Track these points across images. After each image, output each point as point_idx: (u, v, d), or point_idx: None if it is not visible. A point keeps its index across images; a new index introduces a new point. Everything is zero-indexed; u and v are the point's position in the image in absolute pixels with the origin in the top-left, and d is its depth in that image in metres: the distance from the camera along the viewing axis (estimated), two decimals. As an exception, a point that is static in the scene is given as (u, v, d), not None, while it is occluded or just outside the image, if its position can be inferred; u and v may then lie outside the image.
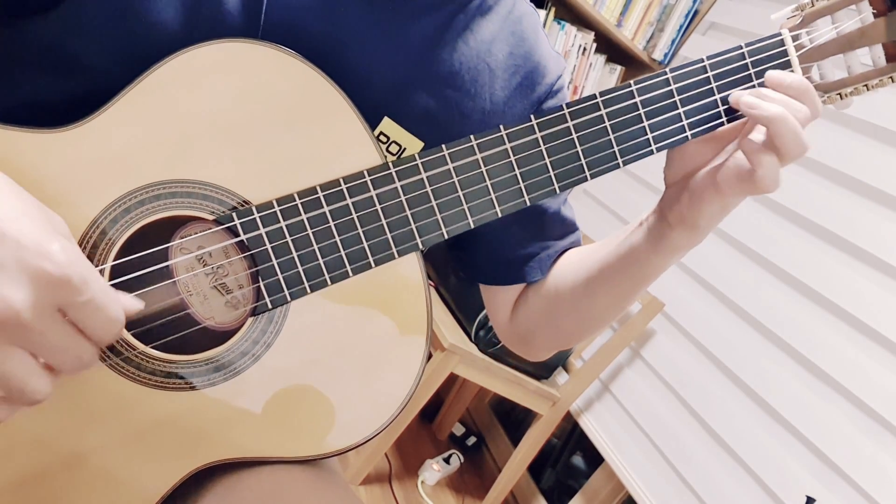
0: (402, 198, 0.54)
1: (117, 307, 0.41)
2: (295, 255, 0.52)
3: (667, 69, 0.55)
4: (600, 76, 2.26)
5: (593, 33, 2.17)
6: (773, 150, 0.50)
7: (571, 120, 0.54)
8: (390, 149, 0.60)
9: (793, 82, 0.52)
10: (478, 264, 0.72)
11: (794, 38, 0.56)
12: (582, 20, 2.16)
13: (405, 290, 0.57)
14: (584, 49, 2.17)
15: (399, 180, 0.53)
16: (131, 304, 0.43)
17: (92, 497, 0.52)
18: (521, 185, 0.55)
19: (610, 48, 2.24)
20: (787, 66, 0.56)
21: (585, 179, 0.56)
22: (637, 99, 0.54)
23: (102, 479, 0.52)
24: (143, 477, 0.53)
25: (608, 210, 2.16)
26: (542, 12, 2.08)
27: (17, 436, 0.49)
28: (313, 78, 0.52)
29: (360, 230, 0.53)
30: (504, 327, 0.77)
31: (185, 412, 0.53)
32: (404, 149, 0.60)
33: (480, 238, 0.69)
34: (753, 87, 0.55)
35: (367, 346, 0.57)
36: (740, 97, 0.53)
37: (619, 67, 2.27)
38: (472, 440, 2.28)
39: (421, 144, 0.61)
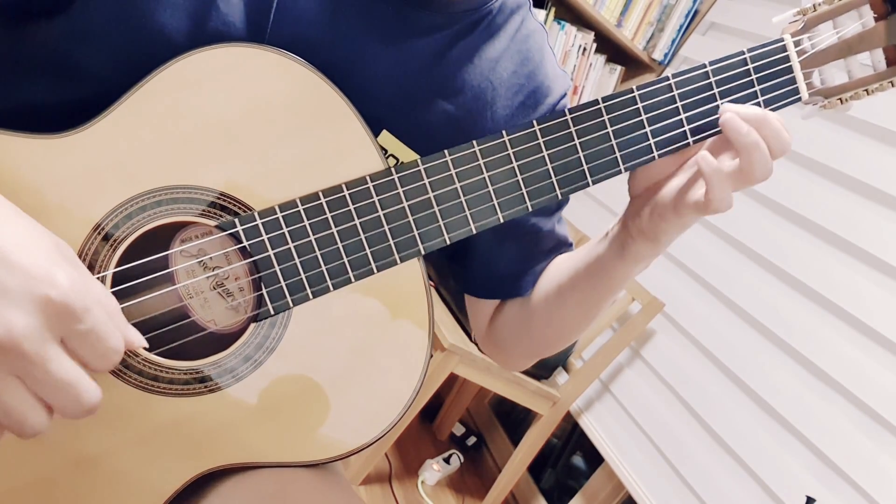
0: (405, 203, 0.54)
1: (118, 338, 0.40)
2: (297, 261, 0.52)
3: (669, 74, 0.55)
4: (600, 76, 2.26)
5: (593, 33, 2.16)
6: (737, 175, 0.52)
7: (573, 125, 0.54)
8: (388, 161, 0.60)
9: (753, 114, 0.53)
10: (472, 277, 0.74)
11: (796, 44, 0.56)
12: (582, 20, 2.16)
13: (406, 291, 0.57)
14: (584, 49, 2.17)
15: (402, 186, 0.53)
16: (135, 338, 0.43)
17: (95, 500, 0.52)
18: (524, 190, 0.55)
19: (610, 48, 2.24)
20: (789, 71, 0.56)
21: (587, 185, 0.56)
22: (640, 105, 0.54)
23: (107, 482, 0.52)
24: (147, 480, 0.53)
25: (609, 210, 2.15)
26: (542, 12, 2.08)
27: (25, 441, 0.49)
28: (316, 83, 0.52)
29: (362, 236, 0.53)
30: (482, 335, 0.78)
31: (188, 418, 0.53)
32: (401, 162, 0.60)
33: (475, 251, 0.70)
34: (755, 92, 0.55)
35: (369, 349, 0.57)
36: (735, 123, 0.52)
37: (619, 67, 2.27)
38: (472, 440, 2.29)
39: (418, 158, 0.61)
